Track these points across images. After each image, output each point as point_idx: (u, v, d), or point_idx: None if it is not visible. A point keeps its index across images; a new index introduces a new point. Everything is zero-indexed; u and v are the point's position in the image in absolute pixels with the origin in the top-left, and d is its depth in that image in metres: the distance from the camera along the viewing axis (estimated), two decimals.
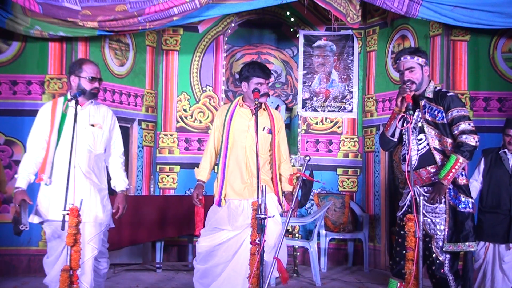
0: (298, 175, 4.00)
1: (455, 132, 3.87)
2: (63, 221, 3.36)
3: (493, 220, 4.73)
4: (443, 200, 3.89)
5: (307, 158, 3.87)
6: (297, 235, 6.91)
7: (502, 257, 4.72)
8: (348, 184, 7.36)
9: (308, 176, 4.16)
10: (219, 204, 4.10)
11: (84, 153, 3.80)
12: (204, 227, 4.27)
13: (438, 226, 3.89)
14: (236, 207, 4.07)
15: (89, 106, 3.91)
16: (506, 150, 4.83)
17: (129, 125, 6.86)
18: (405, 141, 4.06)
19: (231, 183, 4.11)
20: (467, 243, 3.88)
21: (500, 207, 4.69)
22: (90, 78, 3.83)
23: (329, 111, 7.40)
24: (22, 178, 3.75)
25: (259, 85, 4.10)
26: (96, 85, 3.87)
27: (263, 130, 4.13)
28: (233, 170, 4.10)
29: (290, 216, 3.76)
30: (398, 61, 4.05)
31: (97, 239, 3.82)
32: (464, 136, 3.82)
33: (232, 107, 4.20)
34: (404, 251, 3.64)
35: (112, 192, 4.06)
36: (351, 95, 7.35)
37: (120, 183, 4.01)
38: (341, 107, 7.39)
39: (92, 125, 3.87)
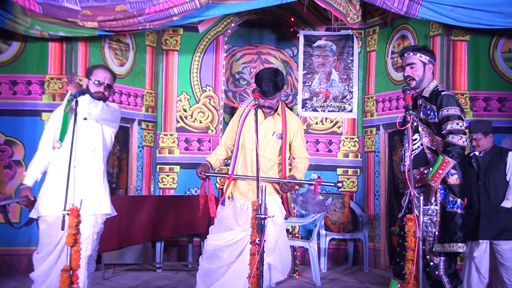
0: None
1: (444, 131, 3.87)
2: (63, 221, 3.37)
3: (467, 220, 4.78)
4: (433, 201, 3.89)
5: (339, 184, 4.24)
6: (297, 235, 6.91)
7: (473, 251, 4.81)
8: (348, 184, 7.35)
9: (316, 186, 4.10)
10: (223, 203, 4.08)
11: (85, 152, 3.88)
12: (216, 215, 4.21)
13: (430, 228, 3.90)
14: (240, 206, 4.06)
15: None
16: (475, 152, 4.92)
17: (129, 125, 6.86)
18: (404, 140, 4.07)
19: (238, 183, 4.09)
20: (452, 244, 3.87)
21: (472, 206, 4.75)
22: (96, 81, 3.91)
23: (329, 111, 7.40)
24: (29, 176, 3.90)
25: (257, 99, 4.01)
26: (100, 89, 3.92)
27: (273, 135, 4.12)
28: (240, 171, 4.09)
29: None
30: (402, 57, 4.07)
31: (91, 239, 3.86)
32: (451, 136, 3.82)
33: (247, 109, 4.17)
34: (404, 252, 3.64)
35: (112, 193, 4.08)
36: (351, 95, 7.35)
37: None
38: (341, 107, 7.39)
39: (85, 119, 3.88)
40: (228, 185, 4.05)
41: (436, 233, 3.88)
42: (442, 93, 3.94)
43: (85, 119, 3.91)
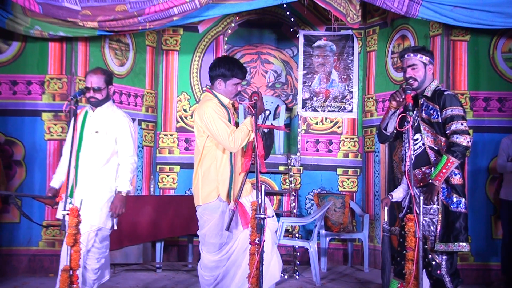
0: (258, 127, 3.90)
1: (448, 131, 3.87)
2: (63, 221, 3.40)
3: None
4: (436, 201, 3.89)
5: (267, 112, 3.97)
6: (297, 235, 6.91)
7: None
8: (348, 184, 7.35)
9: (270, 126, 4.08)
10: (234, 207, 3.91)
11: (88, 157, 4.05)
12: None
13: (432, 227, 3.90)
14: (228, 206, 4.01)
15: (98, 113, 4.13)
16: None
17: None
18: (405, 140, 4.07)
19: (235, 184, 3.98)
20: (457, 243, 3.87)
21: None
22: (85, 87, 4.10)
23: (329, 111, 7.40)
24: (55, 179, 4.21)
25: (236, 85, 3.99)
26: (90, 94, 4.07)
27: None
28: (237, 171, 3.99)
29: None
30: (402, 58, 4.07)
31: (85, 237, 3.94)
32: (455, 136, 3.82)
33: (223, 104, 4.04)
34: (404, 251, 3.65)
35: None
36: (351, 95, 7.34)
37: (120, 184, 4.11)
38: (341, 107, 7.39)
39: (97, 132, 4.08)
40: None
41: (438, 232, 3.89)
42: (445, 93, 3.95)
43: (96, 132, 4.07)
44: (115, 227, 4.17)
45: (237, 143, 3.83)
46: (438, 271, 3.91)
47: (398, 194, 4.26)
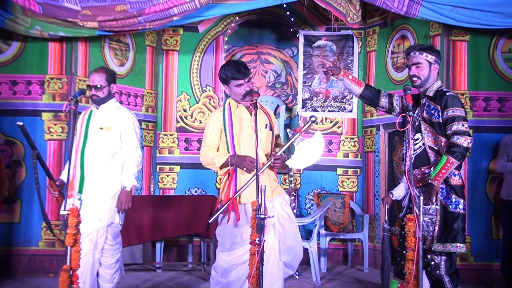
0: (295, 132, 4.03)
1: (448, 132, 3.87)
2: (64, 221, 3.40)
3: None
4: (435, 201, 3.89)
5: (313, 118, 4.09)
6: None
7: None
8: (348, 184, 7.35)
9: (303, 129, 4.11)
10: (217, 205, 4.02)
11: (93, 154, 4.11)
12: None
13: (431, 227, 3.90)
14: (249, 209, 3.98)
15: (102, 110, 4.20)
16: None
17: None
18: (405, 140, 4.07)
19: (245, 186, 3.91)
20: (454, 244, 3.88)
21: None
22: (87, 85, 4.20)
23: (329, 111, 7.39)
24: (64, 174, 4.19)
25: (239, 86, 3.96)
26: (92, 92, 4.15)
27: (266, 127, 4.07)
28: (245, 172, 3.93)
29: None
30: (408, 56, 4.06)
31: (94, 235, 3.98)
32: (456, 137, 3.82)
33: (227, 111, 4.01)
34: (404, 251, 3.65)
35: None
36: (351, 95, 7.34)
37: (124, 179, 4.16)
38: (341, 107, 7.39)
39: (101, 128, 4.15)
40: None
41: (436, 232, 3.89)
42: (447, 94, 3.94)
43: (101, 128, 4.14)
44: (121, 223, 4.19)
45: (202, 161, 4.04)
46: (437, 271, 3.91)
47: (398, 192, 4.26)
